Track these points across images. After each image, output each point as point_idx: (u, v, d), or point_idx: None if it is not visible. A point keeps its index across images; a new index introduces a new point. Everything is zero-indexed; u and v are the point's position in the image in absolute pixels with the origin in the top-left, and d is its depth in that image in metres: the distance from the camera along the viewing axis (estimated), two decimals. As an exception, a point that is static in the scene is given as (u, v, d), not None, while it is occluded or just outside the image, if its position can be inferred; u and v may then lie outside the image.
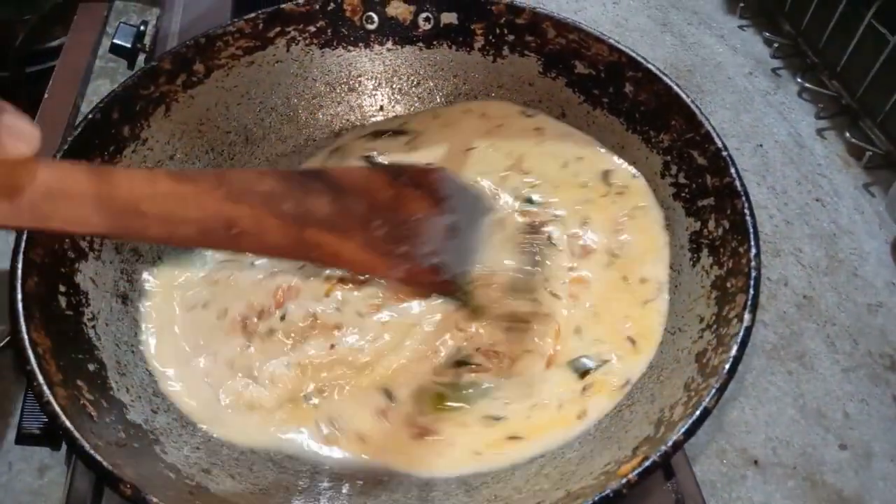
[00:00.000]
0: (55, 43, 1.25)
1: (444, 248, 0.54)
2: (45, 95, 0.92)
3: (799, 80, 1.31)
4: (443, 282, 0.54)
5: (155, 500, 0.37)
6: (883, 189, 1.13)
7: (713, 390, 0.41)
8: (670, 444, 0.39)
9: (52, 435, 0.55)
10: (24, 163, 0.31)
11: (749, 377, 0.92)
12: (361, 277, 0.53)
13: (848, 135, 1.20)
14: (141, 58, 0.93)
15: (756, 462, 0.85)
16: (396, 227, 0.51)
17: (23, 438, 0.57)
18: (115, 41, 0.92)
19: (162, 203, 0.36)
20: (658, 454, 0.39)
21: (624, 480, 0.39)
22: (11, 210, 0.31)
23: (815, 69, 1.31)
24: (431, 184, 0.55)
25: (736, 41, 1.38)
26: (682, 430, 0.40)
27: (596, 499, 0.38)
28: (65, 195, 0.32)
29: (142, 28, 0.92)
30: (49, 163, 0.34)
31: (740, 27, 1.42)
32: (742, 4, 1.45)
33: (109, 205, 0.34)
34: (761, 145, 1.20)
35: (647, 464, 0.39)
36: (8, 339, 0.75)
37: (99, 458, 0.39)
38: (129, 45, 0.90)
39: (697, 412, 0.41)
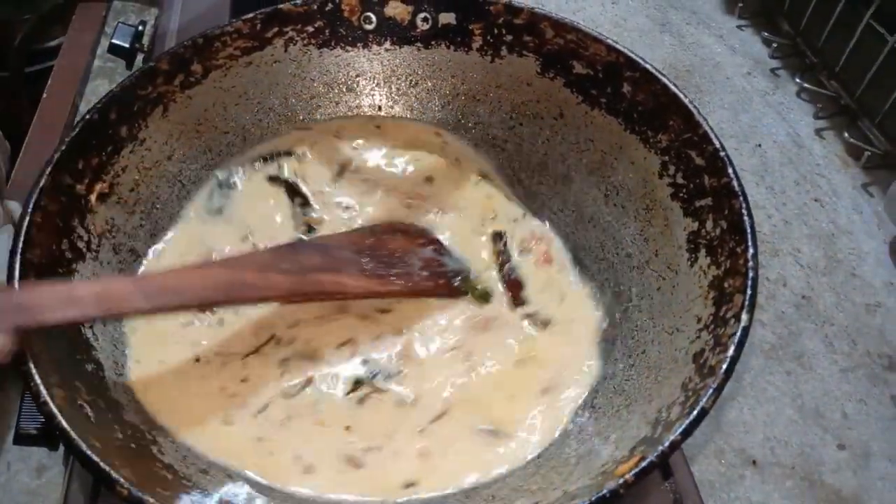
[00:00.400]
0: (54, 43, 1.25)
1: (435, 263, 0.60)
2: (44, 95, 0.92)
3: (797, 80, 1.31)
4: (446, 286, 0.59)
5: (151, 500, 0.37)
6: (881, 189, 1.13)
7: (710, 390, 0.41)
8: (667, 444, 0.39)
9: (49, 435, 0.55)
10: None
11: (747, 377, 0.92)
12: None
13: (846, 135, 1.20)
14: (139, 58, 0.93)
15: (754, 462, 0.85)
16: (383, 259, 0.58)
17: (20, 439, 0.57)
18: (114, 41, 0.91)
19: (189, 280, 0.47)
20: (655, 454, 0.39)
21: (621, 480, 0.39)
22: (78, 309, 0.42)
23: (814, 69, 1.31)
24: (404, 229, 0.63)
25: (734, 41, 1.38)
26: (680, 430, 0.40)
27: (593, 498, 0.38)
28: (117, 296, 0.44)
29: (140, 28, 0.92)
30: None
31: (739, 27, 1.42)
32: (741, 4, 1.45)
33: (149, 293, 0.45)
34: (760, 145, 1.20)
35: (644, 464, 0.39)
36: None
37: (96, 458, 0.39)
38: (127, 46, 0.90)
39: (695, 412, 0.41)
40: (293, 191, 0.66)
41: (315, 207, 0.65)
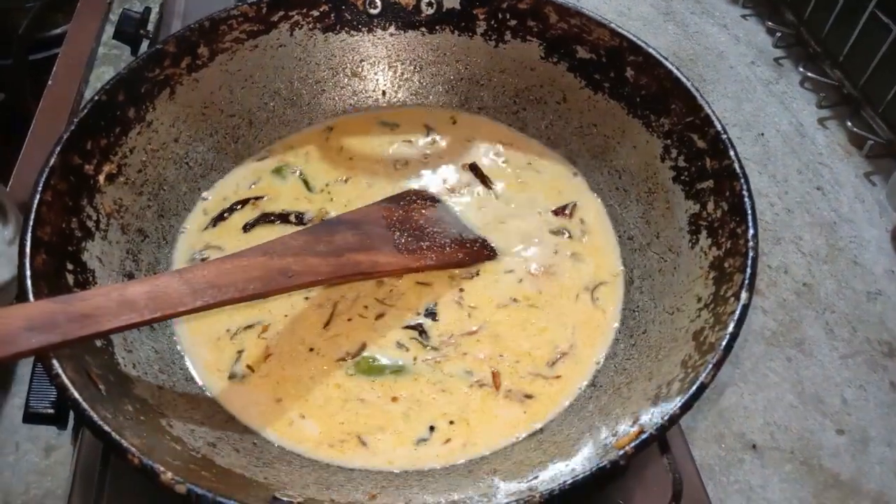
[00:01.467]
0: (58, 31, 1.25)
1: (453, 231, 0.61)
2: (49, 83, 0.92)
3: (801, 69, 1.31)
4: (471, 251, 0.60)
5: (161, 469, 0.38)
6: (884, 178, 1.14)
7: (709, 366, 0.42)
8: (666, 418, 0.40)
9: (59, 413, 0.56)
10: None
11: (748, 363, 0.93)
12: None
13: (849, 124, 1.20)
14: (144, 44, 0.93)
15: (754, 446, 0.86)
16: (413, 233, 0.59)
17: (30, 417, 0.58)
18: (119, 27, 0.92)
19: (231, 275, 0.47)
20: (655, 427, 0.40)
21: (621, 452, 0.39)
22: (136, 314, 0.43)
23: (818, 58, 1.31)
24: (419, 194, 0.65)
25: (738, 30, 1.38)
26: (679, 404, 0.41)
27: (594, 469, 0.39)
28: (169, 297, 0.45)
29: (144, 14, 0.93)
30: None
31: (743, 16, 1.42)
32: (745, -7, 1.44)
33: (199, 288, 0.45)
34: (762, 134, 1.21)
35: (644, 436, 0.40)
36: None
37: (107, 428, 0.39)
38: (132, 31, 0.91)
39: (694, 387, 0.41)
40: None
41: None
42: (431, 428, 0.51)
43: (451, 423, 0.51)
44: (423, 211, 0.62)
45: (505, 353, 0.55)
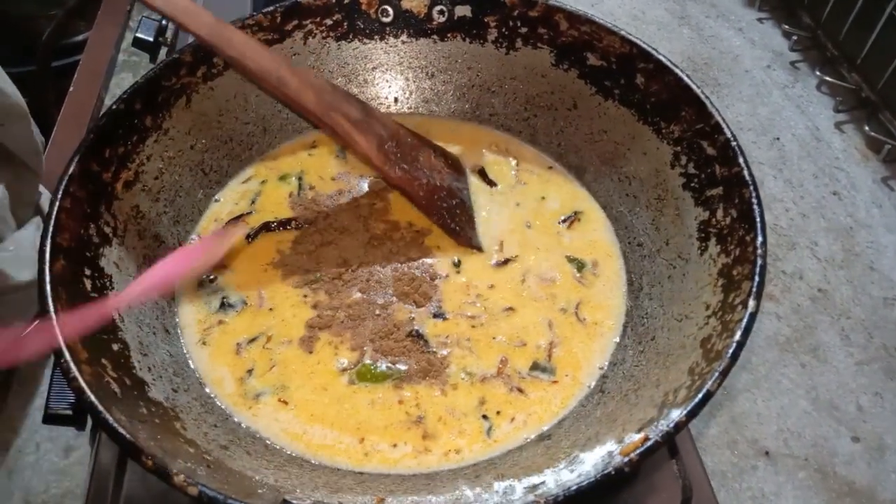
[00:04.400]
0: (79, 38, 1.28)
1: (444, 187, 0.64)
2: (71, 89, 0.94)
3: (818, 72, 1.30)
4: (431, 201, 0.63)
5: (175, 471, 0.39)
6: (902, 183, 1.12)
7: (716, 374, 0.42)
8: (672, 425, 0.40)
9: (77, 415, 0.57)
10: None
11: (762, 370, 0.92)
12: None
13: (867, 128, 1.19)
14: (163, 51, 0.95)
15: (767, 453, 0.85)
16: (406, 156, 0.63)
17: (50, 418, 0.59)
18: (138, 35, 0.94)
19: (245, 46, 0.55)
20: (660, 435, 0.40)
21: (626, 459, 0.40)
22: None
23: (835, 62, 1.30)
24: (447, 156, 0.67)
25: (754, 34, 1.38)
26: (685, 411, 0.41)
27: (599, 476, 0.39)
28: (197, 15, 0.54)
29: (164, 22, 0.94)
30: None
31: (759, 20, 1.42)
32: (760, -3, 1.44)
33: (218, 33, 0.55)
34: (778, 138, 1.20)
35: (649, 443, 0.40)
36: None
37: (122, 431, 0.40)
38: (151, 39, 0.92)
39: (700, 395, 0.41)
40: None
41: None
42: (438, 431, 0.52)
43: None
44: (431, 157, 0.65)
45: (506, 354, 0.56)
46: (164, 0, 0.52)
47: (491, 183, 0.67)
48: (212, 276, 0.60)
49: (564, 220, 0.65)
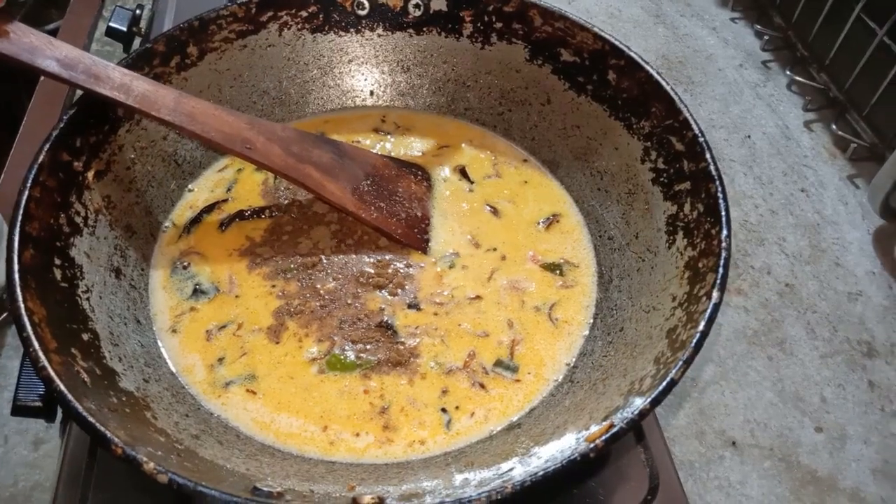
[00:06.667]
0: (51, 26, 1.26)
1: (414, 211, 0.64)
2: (41, 78, 0.93)
3: (788, 72, 1.33)
4: (408, 233, 0.62)
5: (144, 459, 0.39)
6: (866, 181, 1.16)
7: (680, 363, 0.43)
8: (637, 412, 0.41)
9: (47, 406, 0.57)
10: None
11: (730, 362, 0.94)
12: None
13: (834, 127, 1.22)
14: (137, 41, 0.94)
15: (734, 443, 0.87)
16: (381, 191, 0.63)
17: (18, 410, 0.59)
18: (111, 24, 0.92)
19: (207, 117, 0.55)
20: (625, 422, 0.41)
21: (592, 445, 0.41)
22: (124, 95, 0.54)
23: (805, 62, 1.33)
24: (422, 172, 0.67)
25: (727, 33, 1.40)
26: (649, 399, 0.42)
27: (564, 462, 0.40)
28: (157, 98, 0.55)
29: (138, 12, 0.93)
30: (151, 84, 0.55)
31: (732, 19, 1.44)
32: (734, -3, 1.46)
33: (180, 110, 0.55)
34: (749, 136, 1.22)
35: (614, 430, 0.41)
36: (6, 313, 0.76)
37: (91, 419, 0.40)
38: (124, 29, 0.91)
39: (664, 383, 0.42)
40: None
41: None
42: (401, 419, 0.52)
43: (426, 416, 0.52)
44: (412, 184, 0.65)
45: (474, 345, 0.56)
46: (121, 90, 0.53)
47: (469, 181, 0.68)
48: (185, 263, 0.60)
49: (544, 222, 0.65)
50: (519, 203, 0.66)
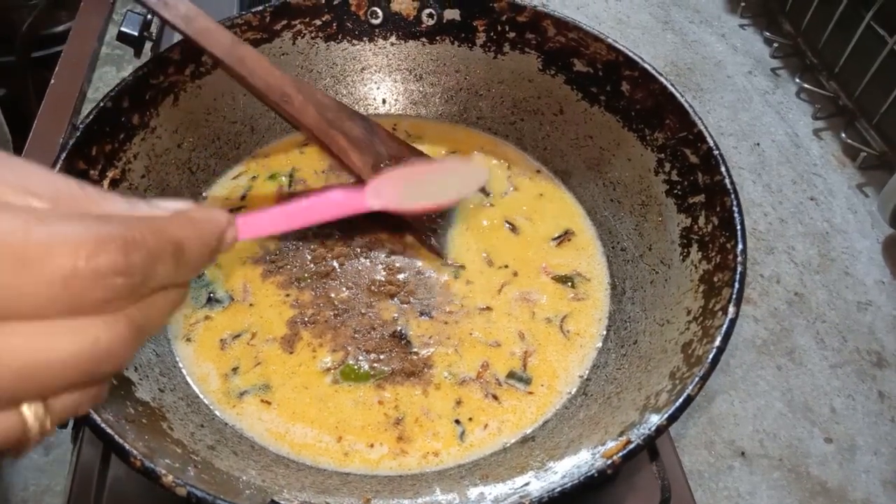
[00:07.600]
0: (61, 28, 1.26)
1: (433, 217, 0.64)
2: (52, 81, 0.93)
3: (797, 80, 1.32)
4: (420, 223, 0.62)
5: (162, 472, 0.39)
6: (876, 189, 1.15)
7: (697, 378, 0.43)
8: (654, 428, 0.41)
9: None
10: None
11: (739, 372, 0.94)
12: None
13: (844, 135, 1.22)
14: (147, 46, 0.94)
15: (743, 453, 0.87)
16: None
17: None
18: (122, 29, 0.92)
19: (256, 64, 0.56)
20: (642, 438, 0.41)
21: (608, 462, 0.41)
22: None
23: (814, 69, 1.33)
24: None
25: (736, 40, 1.40)
26: (666, 415, 0.42)
27: (582, 478, 0.40)
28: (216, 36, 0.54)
29: (149, 16, 0.93)
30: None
31: (741, 26, 1.44)
32: (743, 3, 1.46)
33: (234, 53, 0.55)
34: (758, 144, 1.22)
35: (630, 447, 0.41)
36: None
37: (110, 431, 0.40)
38: (135, 34, 0.91)
39: (681, 399, 0.42)
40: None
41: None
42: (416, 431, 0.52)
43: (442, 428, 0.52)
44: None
45: (488, 357, 0.56)
46: (184, 20, 0.52)
47: (486, 193, 0.68)
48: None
49: (556, 239, 0.65)
50: (536, 220, 0.66)
